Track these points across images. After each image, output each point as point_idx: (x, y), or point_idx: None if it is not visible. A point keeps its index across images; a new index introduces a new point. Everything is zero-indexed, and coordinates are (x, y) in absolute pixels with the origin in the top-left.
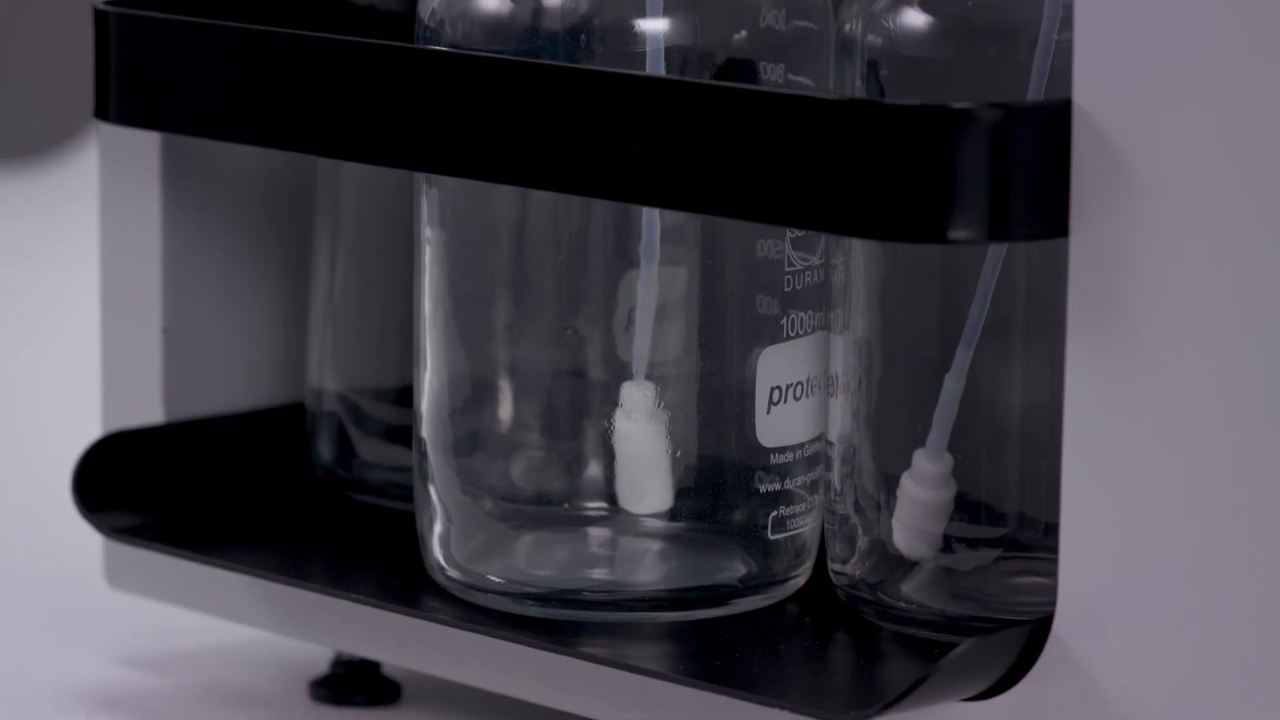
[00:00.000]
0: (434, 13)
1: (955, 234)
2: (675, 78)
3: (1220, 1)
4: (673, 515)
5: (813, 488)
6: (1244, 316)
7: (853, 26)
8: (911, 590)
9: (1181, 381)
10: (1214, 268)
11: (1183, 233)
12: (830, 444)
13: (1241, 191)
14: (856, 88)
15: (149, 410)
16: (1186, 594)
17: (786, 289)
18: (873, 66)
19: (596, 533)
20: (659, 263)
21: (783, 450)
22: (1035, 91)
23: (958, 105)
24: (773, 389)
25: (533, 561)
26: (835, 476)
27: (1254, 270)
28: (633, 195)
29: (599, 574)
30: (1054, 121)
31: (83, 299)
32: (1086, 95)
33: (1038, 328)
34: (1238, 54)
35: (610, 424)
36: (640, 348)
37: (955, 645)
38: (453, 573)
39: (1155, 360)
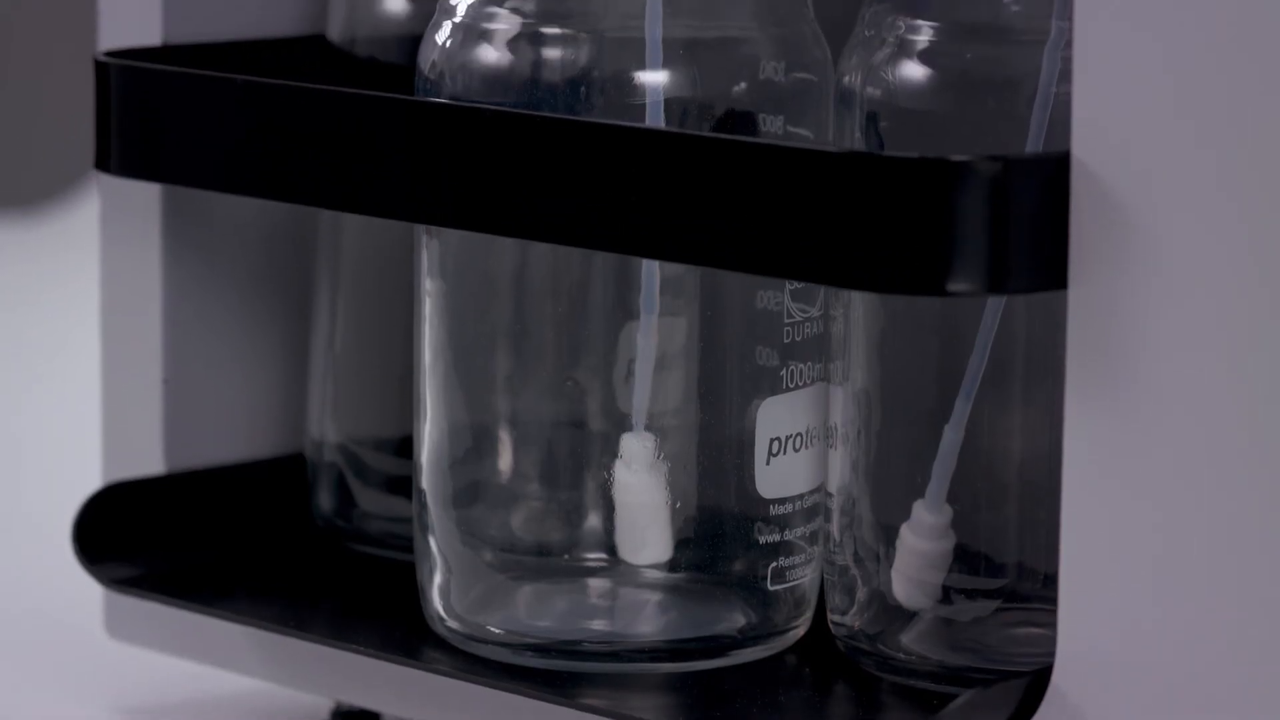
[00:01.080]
0: (434, 64)
1: (954, 286)
2: (675, 130)
3: (1219, 56)
4: (672, 566)
5: (812, 539)
6: (1242, 369)
7: (852, 79)
8: (911, 641)
9: (1180, 432)
10: (1212, 320)
11: (1181, 285)
12: (830, 495)
13: (1240, 244)
14: (856, 139)
15: (149, 461)
16: (1186, 645)
17: (786, 340)
18: (872, 118)
19: (596, 584)
20: (658, 314)
21: (782, 501)
22: (1034, 144)
23: (957, 158)
24: (772, 440)
25: (532, 612)
26: (835, 527)
27: (1252, 323)
28: (632, 247)
29: (599, 625)
30: (1053, 174)
31: (83, 348)
32: (1085, 148)
33: (1037, 379)
34: (1236, 108)
35: (610, 475)
36: (640, 399)
37: (955, 696)
38: (452, 623)
39: (1154, 412)
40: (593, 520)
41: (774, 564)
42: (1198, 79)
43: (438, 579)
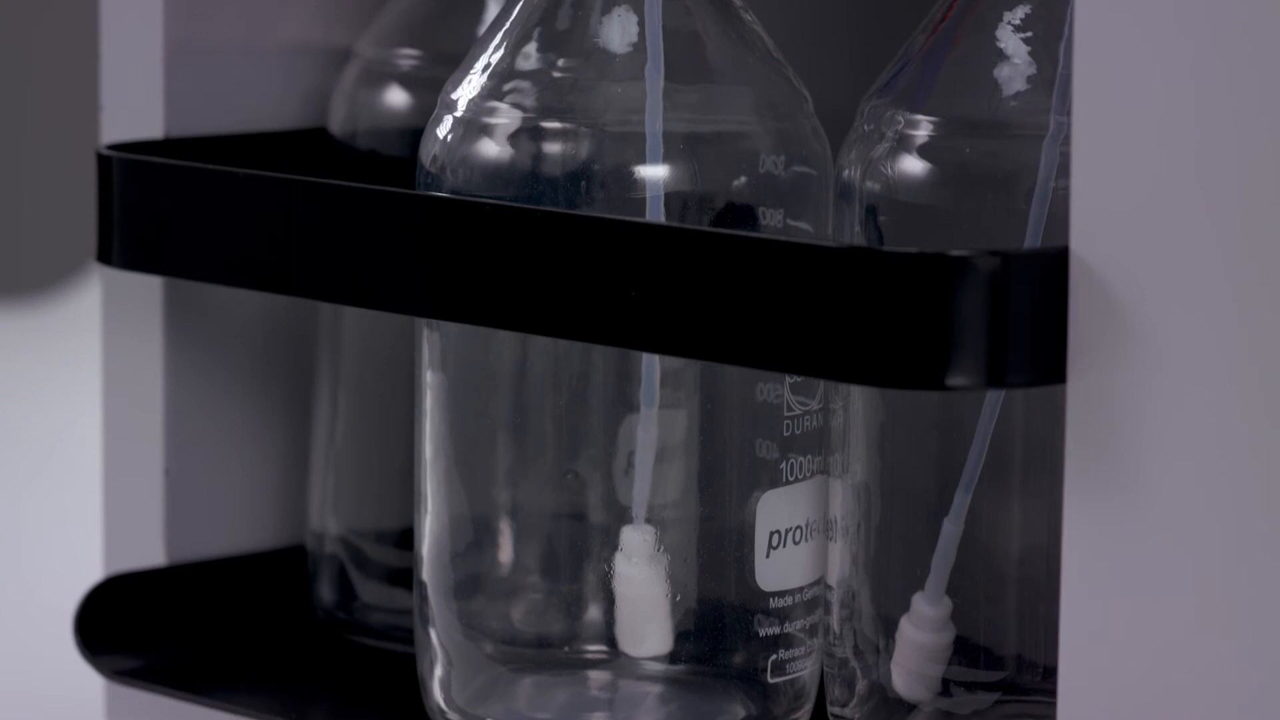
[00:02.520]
0: (435, 158)
1: (953, 381)
2: (675, 225)
3: (1217, 150)
4: (672, 658)
5: (812, 631)
6: (1241, 464)
7: (851, 172)
8: None
9: (1179, 527)
10: (1210, 415)
11: (1179, 380)
12: (829, 588)
13: (1238, 340)
14: (855, 233)
15: (150, 552)
16: None
17: (785, 433)
18: (871, 212)
19: (596, 675)
20: (658, 407)
21: (782, 594)
22: (1033, 239)
23: (956, 253)
24: (772, 533)
25: (533, 704)
26: (834, 620)
27: (1250, 418)
28: (632, 341)
29: (599, 717)
30: (1051, 269)
31: (84, 439)
32: (1084, 243)
33: (1036, 472)
34: (1234, 205)
35: (610, 567)
36: (640, 491)
37: None
38: (453, 716)
39: (1153, 506)
40: (593, 612)
41: (774, 656)
42: (1196, 175)
43: (438, 671)
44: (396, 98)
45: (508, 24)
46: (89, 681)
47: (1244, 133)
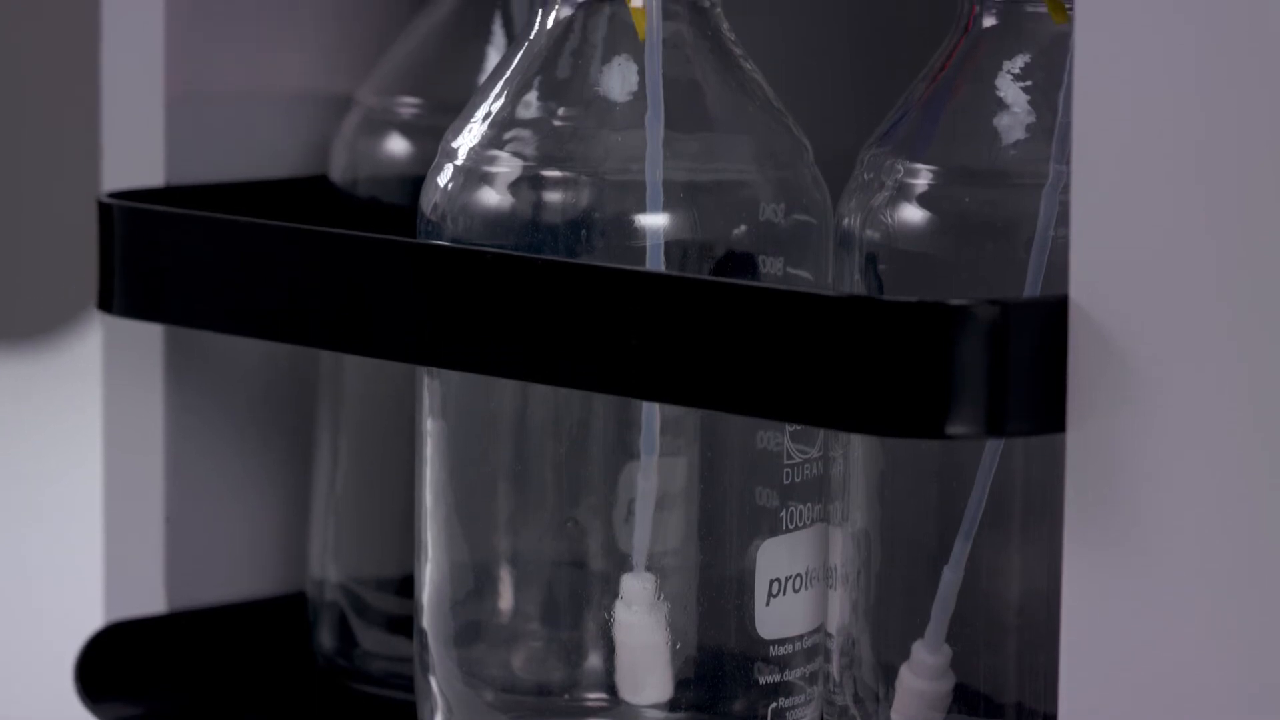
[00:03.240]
0: (436, 206)
1: (953, 429)
2: (675, 274)
3: (1217, 199)
4: (673, 706)
5: (812, 679)
6: (1240, 512)
7: (851, 221)
8: None
9: (1178, 575)
10: (1210, 463)
11: (1179, 428)
12: (829, 635)
13: (1237, 388)
14: (855, 281)
15: (151, 599)
16: None
17: (785, 481)
18: (871, 260)
19: None
20: (658, 454)
21: (782, 642)
22: (1032, 287)
23: (955, 302)
24: (772, 581)
25: None
26: (834, 668)
27: (1249, 467)
28: (632, 389)
29: None
30: (1050, 318)
31: (85, 485)
32: (1083, 292)
33: (1035, 519)
34: (1235, 253)
35: (610, 615)
36: (640, 539)
37: None
38: None
39: (1152, 554)
40: (593, 660)
41: (774, 704)
42: (1196, 224)
43: (439, 719)
44: (397, 146)
45: (508, 72)
46: None
47: (1243, 181)
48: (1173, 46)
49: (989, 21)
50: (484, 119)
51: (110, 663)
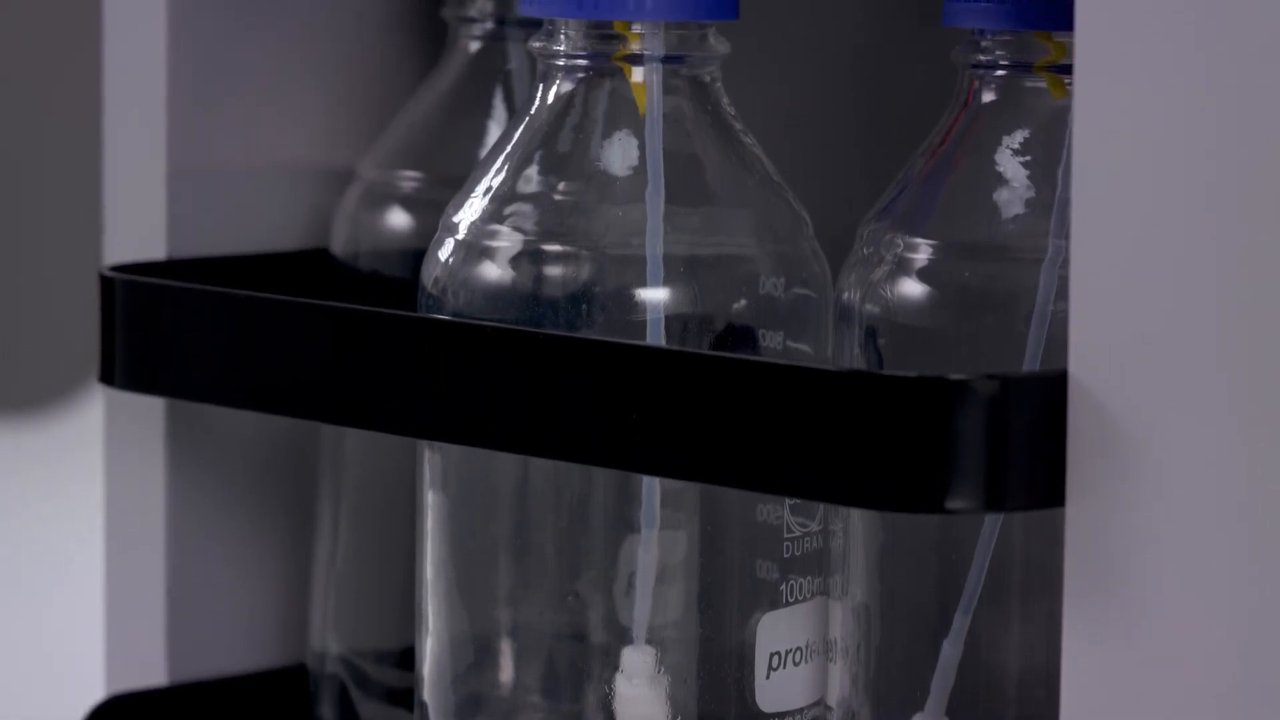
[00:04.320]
0: (437, 280)
1: (952, 504)
2: (675, 348)
3: (1214, 274)
4: None
5: None
6: (1239, 588)
7: (851, 295)
8: None
9: (1177, 649)
10: (1209, 538)
11: (1178, 504)
12: (829, 709)
13: (1237, 464)
14: (855, 355)
15: (153, 671)
16: None
17: (785, 554)
18: (871, 334)
19: None
20: (659, 528)
21: (782, 715)
22: (1032, 362)
23: (955, 377)
24: (772, 654)
25: None
26: None
27: (1249, 543)
28: (632, 464)
29: None
30: (1050, 392)
31: (86, 556)
32: (1082, 366)
33: (1035, 594)
34: (1234, 329)
35: (611, 688)
36: (640, 612)
37: None
38: None
39: (1152, 629)
40: None
41: None
42: (1196, 300)
43: None
44: (398, 219)
45: (509, 147)
46: None
47: (1243, 257)
48: (1172, 122)
49: (988, 96)
50: (485, 193)
51: None
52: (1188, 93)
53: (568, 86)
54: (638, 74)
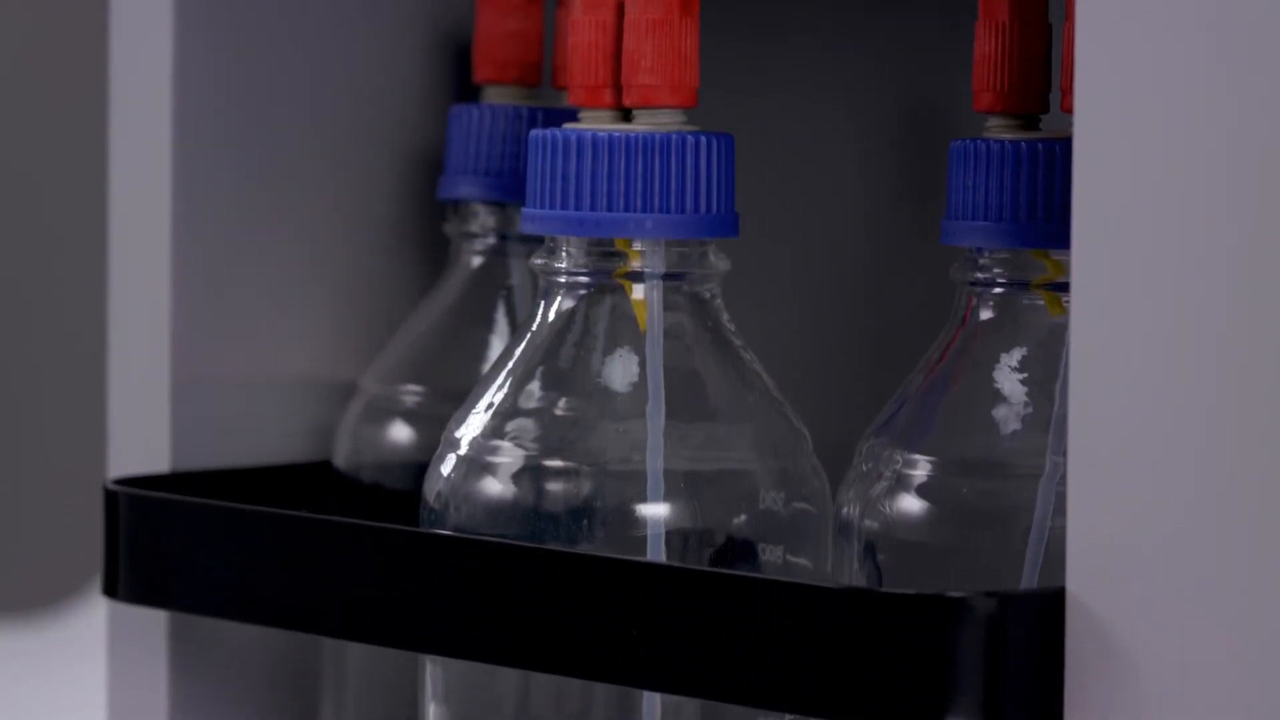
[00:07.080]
0: (439, 495)
1: None
2: (675, 565)
3: (1211, 492)
4: None
5: None
6: None
7: (850, 510)
8: None
9: None
10: None
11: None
12: None
13: (1237, 684)
14: (854, 570)
15: None
16: None
17: None
18: (870, 549)
19: None
20: None
21: None
22: (1030, 578)
23: (953, 594)
24: None
25: None
26: None
27: None
28: (633, 679)
29: None
30: (1048, 609)
31: None
32: (1080, 583)
33: None
34: (1234, 549)
35: None
36: None
37: None
38: None
39: None
40: None
41: None
42: (1194, 516)
43: None
44: (400, 433)
45: (511, 362)
46: None
47: (1243, 472)
48: (1170, 340)
49: (986, 313)
50: (487, 408)
51: None
52: (1185, 309)
53: (569, 303)
54: (638, 291)
